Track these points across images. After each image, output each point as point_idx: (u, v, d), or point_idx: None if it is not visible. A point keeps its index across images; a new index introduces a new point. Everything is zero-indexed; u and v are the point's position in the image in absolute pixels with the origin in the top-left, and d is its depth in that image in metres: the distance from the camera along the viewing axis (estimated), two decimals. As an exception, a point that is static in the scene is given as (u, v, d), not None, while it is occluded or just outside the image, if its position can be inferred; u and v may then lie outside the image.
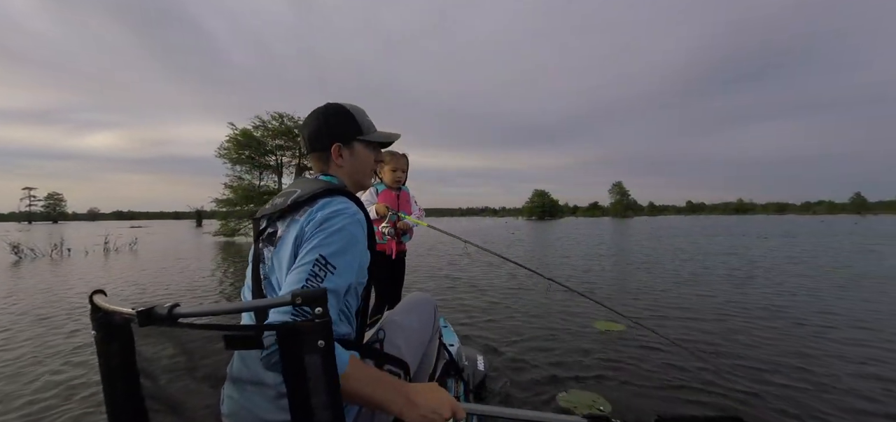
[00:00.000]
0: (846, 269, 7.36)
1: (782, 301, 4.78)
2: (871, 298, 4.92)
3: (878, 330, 3.63)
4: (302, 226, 0.93)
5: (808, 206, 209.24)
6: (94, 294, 0.72)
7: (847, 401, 2.31)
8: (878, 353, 3.05)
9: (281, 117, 21.70)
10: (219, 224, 20.89)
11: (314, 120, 1.12)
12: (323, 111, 1.12)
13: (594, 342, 3.41)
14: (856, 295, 5.05)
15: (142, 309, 0.61)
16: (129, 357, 0.71)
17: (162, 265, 9.27)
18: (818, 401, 2.32)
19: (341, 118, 1.12)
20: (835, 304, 4.62)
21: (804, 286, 5.65)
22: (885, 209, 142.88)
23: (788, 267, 7.67)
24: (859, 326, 3.76)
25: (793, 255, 9.80)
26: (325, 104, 1.15)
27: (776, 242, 14.32)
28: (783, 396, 2.38)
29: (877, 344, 3.25)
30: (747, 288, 5.57)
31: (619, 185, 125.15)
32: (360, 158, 1.15)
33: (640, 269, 7.70)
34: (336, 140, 1.10)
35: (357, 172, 1.16)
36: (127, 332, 0.71)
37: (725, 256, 9.73)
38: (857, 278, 6.30)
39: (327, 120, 1.11)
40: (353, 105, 1.16)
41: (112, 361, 0.71)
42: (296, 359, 0.62)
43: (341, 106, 1.13)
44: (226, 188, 20.93)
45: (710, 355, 3.04)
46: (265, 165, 21.99)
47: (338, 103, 1.14)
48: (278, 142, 21.75)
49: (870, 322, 3.87)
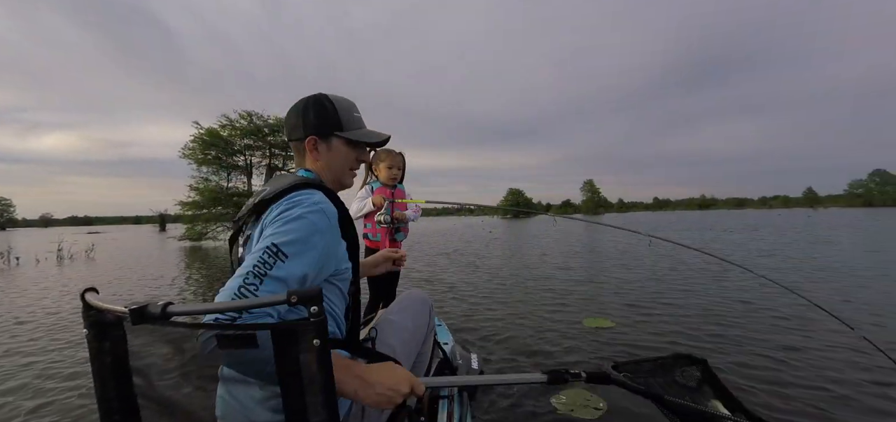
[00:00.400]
0: (811, 260, 7.68)
1: (758, 294, 4.87)
2: (845, 289, 5.10)
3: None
4: (263, 223, 0.90)
5: (764, 200, 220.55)
6: (85, 292, 0.71)
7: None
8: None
9: (250, 116, 20.89)
10: (184, 228, 19.92)
11: (295, 110, 1.08)
12: (305, 101, 1.07)
13: (583, 339, 3.34)
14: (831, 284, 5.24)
15: (134, 307, 0.60)
16: (122, 356, 0.71)
17: (120, 273, 8.69)
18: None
19: (321, 110, 1.06)
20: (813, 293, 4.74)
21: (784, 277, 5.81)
22: (833, 202, 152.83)
23: (761, 260, 7.93)
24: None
25: (762, 248, 10.19)
26: (313, 94, 1.09)
27: (741, 235, 14.93)
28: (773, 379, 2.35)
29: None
30: (724, 281, 5.68)
31: (590, 182, 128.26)
32: (337, 154, 1.09)
33: (617, 266, 7.77)
34: (312, 132, 1.06)
35: (334, 169, 1.10)
36: (119, 330, 0.70)
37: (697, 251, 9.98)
38: (823, 270, 6.56)
39: (307, 111, 1.06)
40: (344, 98, 1.10)
41: (104, 359, 0.70)
42: (290, 358, 0.62)
43: (326, 97, 1.07)
44: (191, 190, 19.99)
45: (709, 350, 3.00)
46: (233, 166, 21.15)
47: (325, 94, 1.08)
48: (247, 141, 20.94)
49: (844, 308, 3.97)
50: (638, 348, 3.11)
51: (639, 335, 3.36)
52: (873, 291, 4.86)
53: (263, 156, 21.85)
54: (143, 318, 0.61)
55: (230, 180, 21.23)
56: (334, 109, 1.06)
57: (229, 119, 20.58)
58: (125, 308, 0.62)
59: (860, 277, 5.78)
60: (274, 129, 21.08)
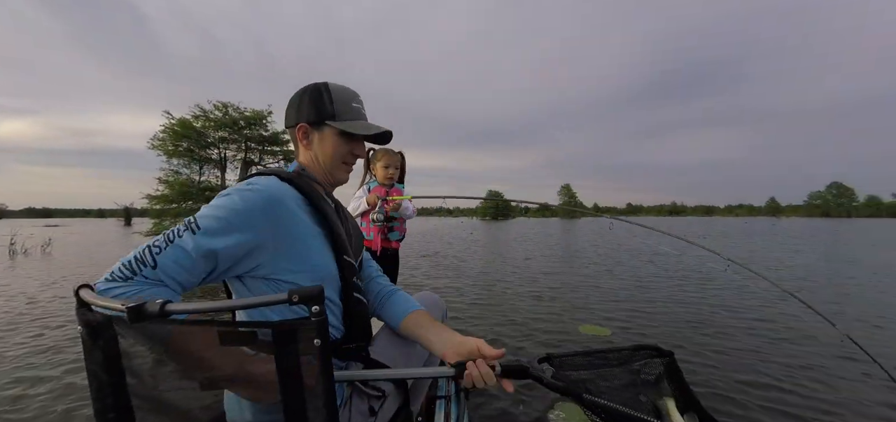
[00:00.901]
0: (789, 268, 7.90)
1: (744, 301, 4.93)
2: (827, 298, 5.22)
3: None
4: None
5: (730, 208, 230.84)
6: (79, 288, 0.69)
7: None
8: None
9: (225, 107, 20.06)
10: (151, 223, 18.95)
11: (293, 96, 1.04)
12: (304, 88, 1.03)
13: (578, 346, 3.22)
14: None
15: (132, 305, 0.59)
16: (116, 354, 0.69)
17: (79, 270, 8.10)
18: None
19: (317, 98, 1.01)
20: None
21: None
22: (793, 212, 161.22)
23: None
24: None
25: (741, 254, 10.44)
26: (315, 82, 1.04)
27: (715, 242, 15.34)
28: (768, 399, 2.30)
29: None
30: (709, 287, 5.74)
31: (567, 187, 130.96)
32: (328, 144, 1.03)
33: (604, 273, 7.78)
34: (303, 120, 1.01)
35: (324, 161, 1.04)
36: (114, 328, 0.68)
37: (677, 256, 10.18)
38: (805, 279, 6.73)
39: (302, 97, 1.02)
40: (345, 88, 1.04)
41: (98, 358, 0.68)
42: (291, 358, 0.61)
43: (325, 85, 1.02)
44: (160, 183, 19.03)
45: (705, 365, 2.95)
46: (206, 159, 20.28)
47: (325, 83, 1.03)
48: (222, 134, 20.08)
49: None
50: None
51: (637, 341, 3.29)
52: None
53: (239, 149, 21.05)
54: (141, 316, 0.59)
55: (202, 174, 20.36)
56: (330, 98, 1.00)
57: (203, 110, 19.70)
58: (122, 306, 0.60)
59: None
60: (250, 121, 20.34)
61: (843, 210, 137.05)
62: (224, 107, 20.00)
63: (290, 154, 21.90)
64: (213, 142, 20.17)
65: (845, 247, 12.80)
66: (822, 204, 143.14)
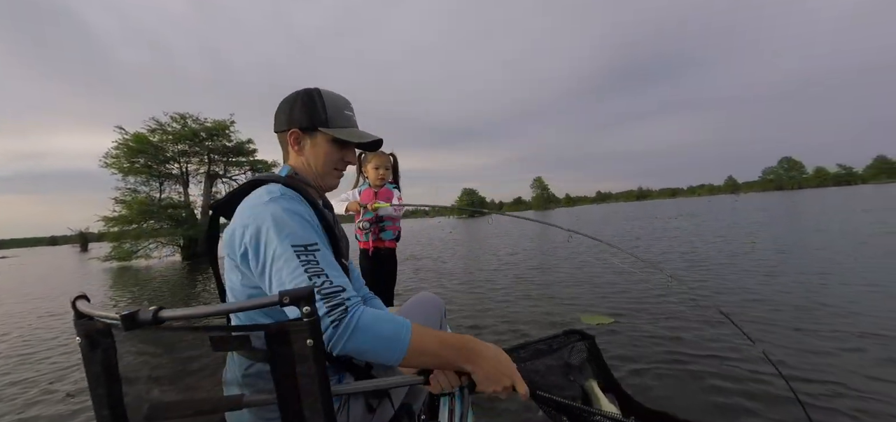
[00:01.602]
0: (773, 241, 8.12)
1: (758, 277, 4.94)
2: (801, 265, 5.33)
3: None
4: (233, 235, 0.86)
5: (693, 189, 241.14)
6: (76, 300, 0.70)
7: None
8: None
9: (183, 119, 19.06)
10: (110, 247, 17.74)
11: (284, 102, 1.04)
12: (295, 94, 1.03)
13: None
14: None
15: (126, 313, 0.60)
16: (114, 363, 0.70)
17: (19, 306, 7.30)
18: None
19: (309, 103, 1.01)
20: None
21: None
22: (750, 188, 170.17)
23: (721, 244, 8.26)
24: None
25: (718, 230, 10.72)
26: (307, 88, 1.04)
27: (687, 221, 15.82)
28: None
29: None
30: (698, 269, 5.75)
31: (539, 180, 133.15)
32: (320, 150, 1.03)
33: (590, 264, 7.75)
34: (296, 126, 1.01)
35: (316, 166, 1.04)
36: (112, 337, 0.69)
37: (658, 239, 10.33)
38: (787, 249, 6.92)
39: (294, 103, 1.02)
40: (338, 95, 1.05)
41: (97, 366, 0.70)
42: (285, 360, 0.61)
43: (317, 92, 1.02)
44: (116, 204, 17.87)
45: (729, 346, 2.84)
46: (166, 175, 19.21)
47: (317, 89, 1.03)
48: (182, 147, 19.07)
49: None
50: (639, 345, 2.89)
51: (642, 328, 3.16)
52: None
53: (201, 162, 20.04)
54: (135, 324, 0.60)
55: (163, 191, 19.27)
56: (323, 105, 1.01)
57: (159, 123, 18.64)
58: (117, 314, 0.61)
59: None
60: (212, 133, 19.40)
61: (794, 182, 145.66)
62: (182, 118, 19.00)
63: (257, 165, 21.06)
64: (173, 156, 19.13)
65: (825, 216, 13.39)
66: (775, 178, 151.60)
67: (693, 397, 2.17)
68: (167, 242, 18.40)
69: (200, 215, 19.69)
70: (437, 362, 0.82)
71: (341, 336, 0.71)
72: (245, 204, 0.89)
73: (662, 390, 2.26)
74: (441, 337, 0.83)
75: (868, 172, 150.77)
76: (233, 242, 0.85)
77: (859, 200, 21.24)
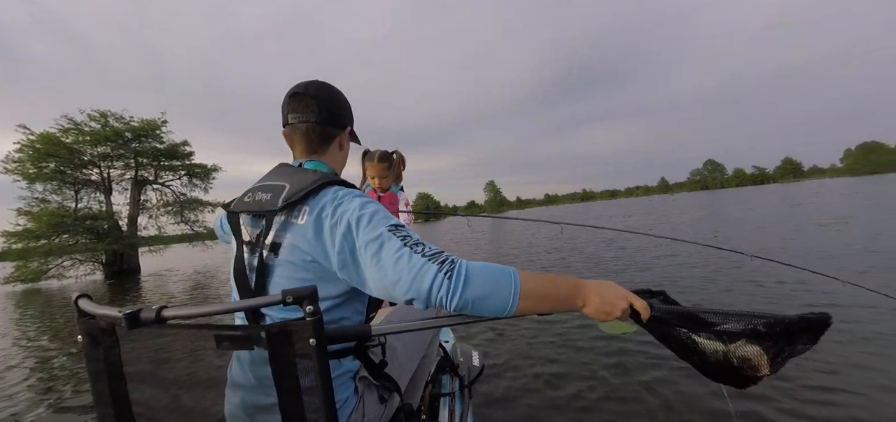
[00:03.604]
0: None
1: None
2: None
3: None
4: (318, 229, 0.81)
5: (630, 191, 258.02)
6: (78, 298, 0.71)
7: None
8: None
9: (104, 117, 16.76)
10: (12, 267, 15.14)
11: (333, 90, 0.99)
12: (331, 85, 0.99)
13: (603, 350, 2.72)
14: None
15: (129, 311, 0.60)
16: (117, 360, 0.70)
17: None
18: None
19: (348, 103, 1.04)
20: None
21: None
22: (680, 188, 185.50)
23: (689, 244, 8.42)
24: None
25: (679, 227, 11.08)
26: (322, 81, 0.99)
27: (642, 218, 16.48)
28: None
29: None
30: (683, 269, 5.62)
31: (491, 183, 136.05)
32: (346, 150, 1.08)
33: (572, 256, 7.54)
34: (350, 123, 1.04)
35: (343, 164, 1.07)
36: (114, 335, 0.69)
37: (623, 240, 10.47)
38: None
39: (340, 95, 1.01)
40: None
41: (99, 364, 0.70)
42: (287, 359, 0.61)
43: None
44: (20, 215, 15.31)
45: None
46: (84, 182, 16.81)
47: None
48: (103, 149, 16.75)
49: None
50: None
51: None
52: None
53: (127, 167, 17.78)
54: (138, 322, 0.60)
55: (80, 200, 16.84)
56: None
57: (74, 122, 16.21)
58: (119, 312, 0.61)
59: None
60: (140, 134, 17.25)
61: (717, 183, 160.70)
62: (103, 117, 16.68)
63: (194, 169, 19.13)
64: (92, 160, 16.78)
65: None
66: (701, 180, 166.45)
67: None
68: (86, 259, 16.08)
69: (127, 227, 17.46)
70: (547, 305, 0.76)
71: (456, 287, 0.69)
72: (324, 202, 0.84)
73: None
74: (548, 276, 0.78)
75: (777, 173, 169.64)
76: (320, 239, 0.81)
77: (787, 197, 23.46)
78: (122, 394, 0.69)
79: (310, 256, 0.81)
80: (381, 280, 0.73)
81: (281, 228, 0.84)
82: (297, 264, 0.82)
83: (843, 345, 2.41)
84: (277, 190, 0.86)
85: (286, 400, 0.61)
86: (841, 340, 2.48)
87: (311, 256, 0.81)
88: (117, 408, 0.69)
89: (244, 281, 0.87)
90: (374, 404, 0.95)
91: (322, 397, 0.60)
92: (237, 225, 0.91)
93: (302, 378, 0.60)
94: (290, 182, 0.86)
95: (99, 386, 0.69)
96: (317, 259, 0.81)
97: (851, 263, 4.49)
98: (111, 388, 0.69)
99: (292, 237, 0.82)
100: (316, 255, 0.80)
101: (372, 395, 0.95)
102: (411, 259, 0.71)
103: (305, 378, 0.60)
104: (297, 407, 0.61)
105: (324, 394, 0.60)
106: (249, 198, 0.90)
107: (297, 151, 0.98)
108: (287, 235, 0.83)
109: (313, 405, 0.60)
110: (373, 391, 0.96)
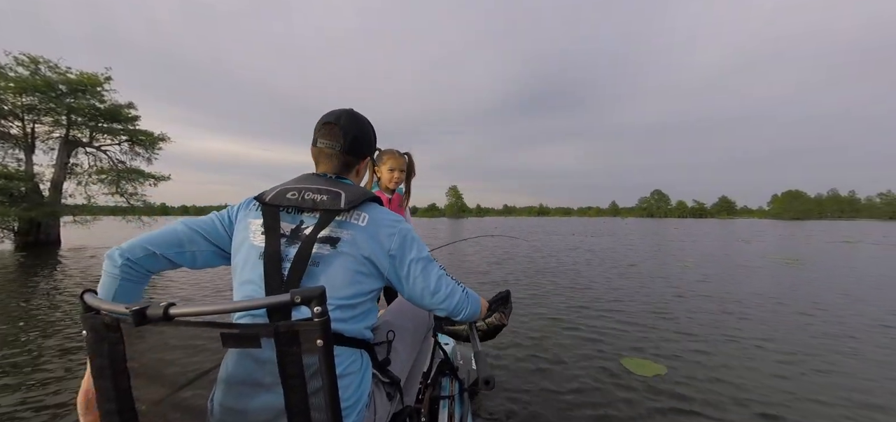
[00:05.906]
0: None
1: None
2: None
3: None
4: (375, 235, 0.94)
5: (582, 210, 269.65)
6: (84, 293, 0.70)
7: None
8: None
9: (36, 64, 14.60)
10: None
11: (362, 124, 1.08)
12: (365, 118, 1.10)
13: (633, 392, 2.36)
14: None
15: (136, 308, 0.60)
16: (121, 356, 0.69)
17: None
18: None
19: (374, 134, 1.13)
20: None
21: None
22: (629, 213, 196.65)
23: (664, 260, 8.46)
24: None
25: (656, 249, 11.24)
26: (355, 111, 1.09)
27: (607, 239, 16.84)
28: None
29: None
30: (681, 290, 5.52)
31: (454, 188, 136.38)
32: (363, 175, 1.17)
33: (542, 274, 7.30)
34: (370, 154, 1.12)
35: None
36: (119, 331, 0.68)
37: (601, 262, 10.43)
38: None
39: (371, 129, 1.12)
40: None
41: (103, 360, 0.69)
42: (294, 359, 0.62)
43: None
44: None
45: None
46: (1, 134, 14.54)
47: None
48: (29, 100, 14.55)
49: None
50: (716, 406, 2.25)
51: (702, 385, 2.53)
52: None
53: (57, 124, 15.60)
54: (145, 319, 0.60)
55: (-4, 156, 14.54)
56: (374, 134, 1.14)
57: (-5, 64, 13.94)
58: (126, 309, 0.61)
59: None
60: (76, 88, 15.19)
61: (661, 212, 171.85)
62: (33, 62, 14.52)
63: (138, 135, 17.21)
64: (13, 110, 14.55)
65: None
66: (647, 207, 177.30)
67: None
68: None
69: (49, 192, 15.31)
70: (483, 314, 1.18)
71: (467, 304, 1.05)
72: (381, 215, 0.98)
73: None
74: (484, 298, 1.20)
75: (714, 209, 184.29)
76: (377, 241, 0.93)
77: (733, 232, 25.03)
78: (126, 390, 0.69)
79: (366, 253, 0.91)
80: (425, 288, 0.97)
81: (338, 226, 0.93)
82: (355, 258, 0.91)
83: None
84: (334, 195, 0.95)
85: (293, 400, 0.62)
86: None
87: (368, 254, 0.91)
88: (120, 404, 0.69)
89: (276, 270, 0.88)
90: (384, 401, 1.01)
91: (328, 396, 0.61)
92: (275, 218, 0.94)
93: (308, 378, 0.61)
94: (345, 191, 0.96)
95: (102, 382, 0.69)
96: (371, 257, 0.92)
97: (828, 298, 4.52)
98: (114, 383, 0.68)
99: (353, 235, 0.92)
100: (371, 253, 0.92)
101: (381, 393, 1.01)
102: (448, 281, 1.02)
103: (312, 378, 0.61)
104: (304, 406, 0.62)
105: (330, 394, 0.61)
106: (294, 195, 0.95)
107: (322, 168, 1.07)
108: (346, 232, 0.92)
109: (318, 405, 0.61)
110: (381, 389, 1.02)
